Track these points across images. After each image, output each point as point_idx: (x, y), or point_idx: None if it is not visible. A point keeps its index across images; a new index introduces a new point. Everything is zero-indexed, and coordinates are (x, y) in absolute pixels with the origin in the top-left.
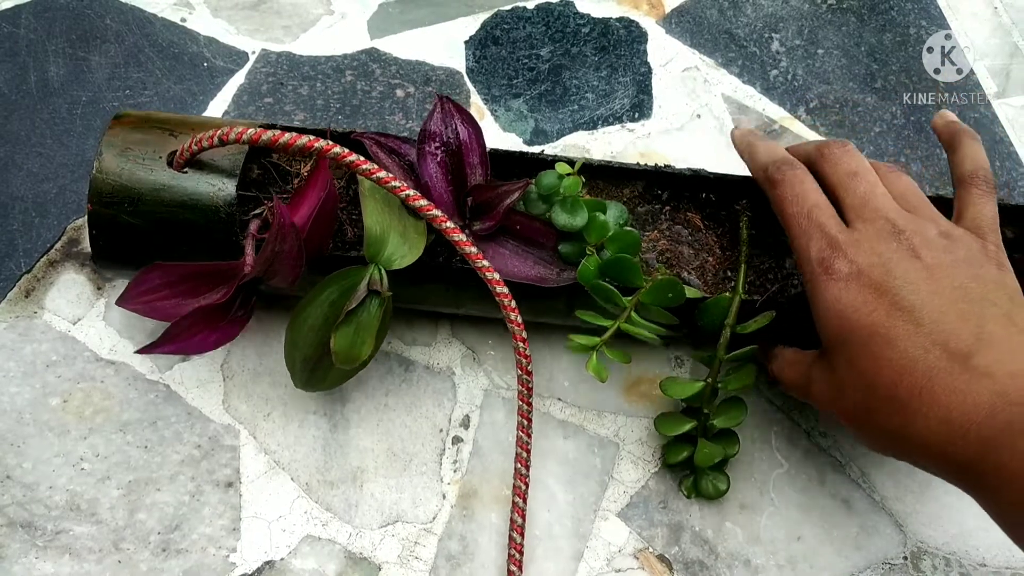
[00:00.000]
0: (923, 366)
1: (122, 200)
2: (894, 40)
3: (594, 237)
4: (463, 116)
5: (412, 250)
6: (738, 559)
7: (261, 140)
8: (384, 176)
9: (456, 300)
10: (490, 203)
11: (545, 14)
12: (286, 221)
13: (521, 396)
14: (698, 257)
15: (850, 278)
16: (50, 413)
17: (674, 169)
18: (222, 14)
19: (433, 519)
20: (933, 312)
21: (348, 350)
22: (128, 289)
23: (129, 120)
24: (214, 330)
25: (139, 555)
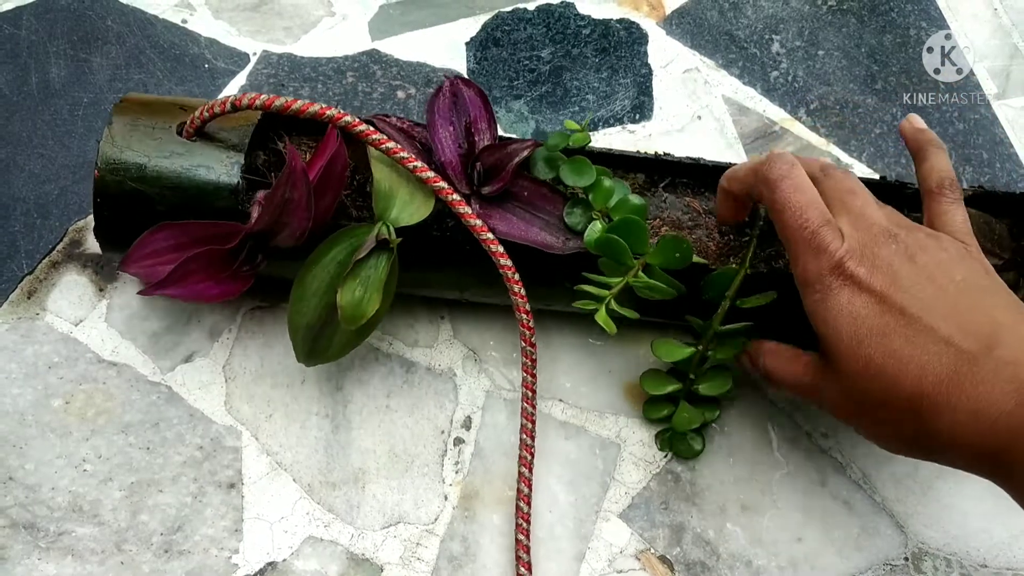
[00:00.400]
0: (946, 360)
1: (129, 167)
2: (894, 41)
3: (600, 201)
4: (470, 86)
5: (421, 208)
6: (740, 560)
7: (274, 106)
8: (393, 147)
9: (459, 283)
10: (499, 165)
11: (546, 15)
12: (298, 165)
13: (525, 398)
14: (699, 243)
15: (859, 285)
16: (52, 415)
17: (673, 157)
18: (223, 15)
19: (435, 520)
20: (944, 308)
21: (355, 306)
22: (131, 251)
23: (140, 99)
24: (218, 282)
25: (141, 556)
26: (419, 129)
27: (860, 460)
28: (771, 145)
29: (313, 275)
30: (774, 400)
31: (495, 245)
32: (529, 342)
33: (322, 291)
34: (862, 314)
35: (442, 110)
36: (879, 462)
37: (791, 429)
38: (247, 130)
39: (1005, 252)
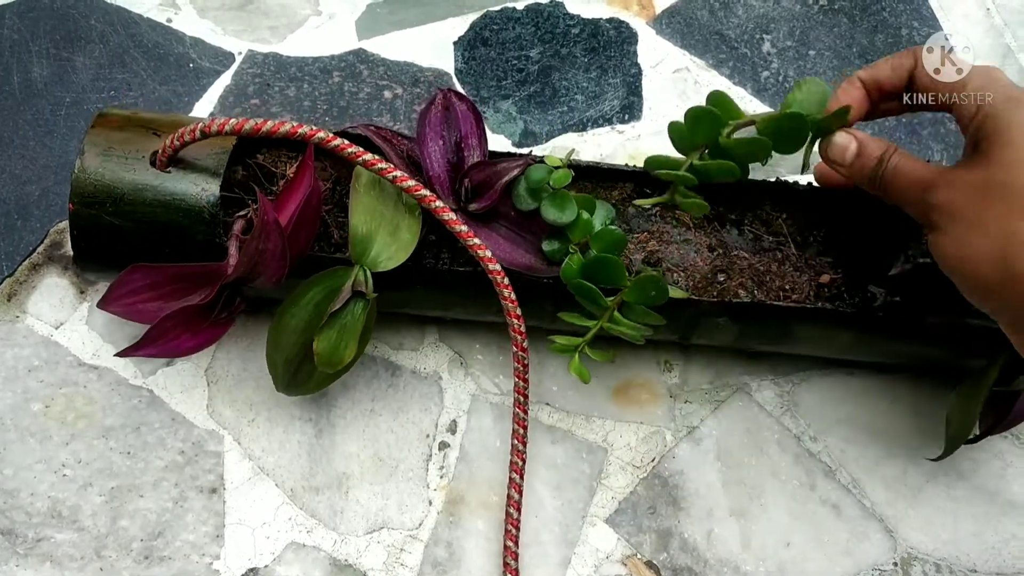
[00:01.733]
0: None
1: (104, 200)
2: (886, 41)
3: (578, 235)
4: (463, 101)
5: (400, 251)
6: (727, 566)
7: (244, 129)
8: (371, 158)
9: (443, 303)
10: (487, 182)
11: (535, 15)
12: (270, 217)
13: (518, 404)
14: (686, 257)
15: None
16: (32, 419)
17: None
18: (208, 14)
19: (419, 525)
20: None
21: (331, 353)
22: (109, 291)
23: (112, 119)
24: (196, 333)
25: (121, 563)
26: (405, 142)
27: (850, 464)
28: None
29: (291, 314)
30: (763, 404)
31: (483, 251)
32: (521, 347)
33: (300, 329)
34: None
35: (433, 123)
36: (869, 466)
37: (780, 433)
38: (222, 156)
39: None
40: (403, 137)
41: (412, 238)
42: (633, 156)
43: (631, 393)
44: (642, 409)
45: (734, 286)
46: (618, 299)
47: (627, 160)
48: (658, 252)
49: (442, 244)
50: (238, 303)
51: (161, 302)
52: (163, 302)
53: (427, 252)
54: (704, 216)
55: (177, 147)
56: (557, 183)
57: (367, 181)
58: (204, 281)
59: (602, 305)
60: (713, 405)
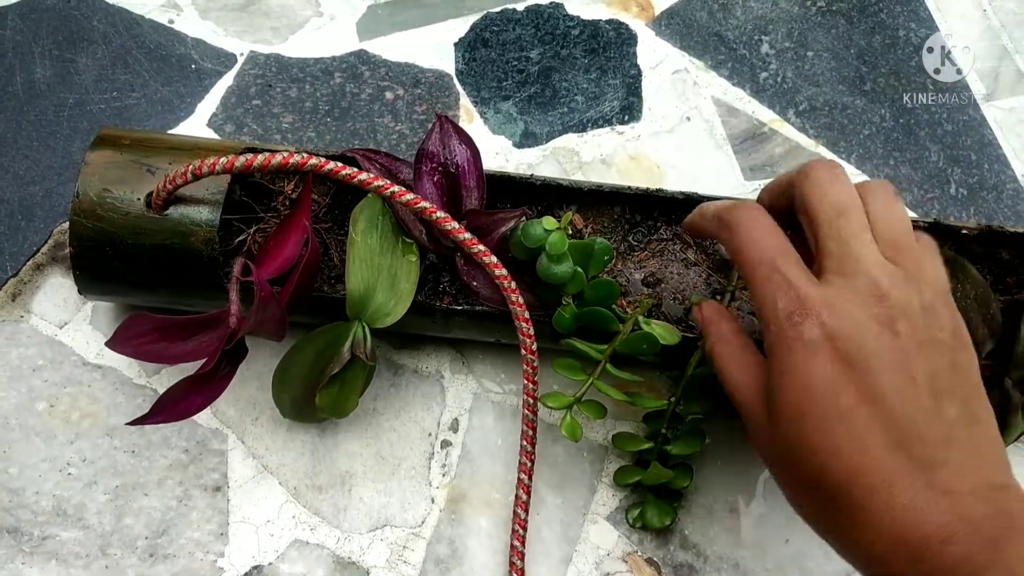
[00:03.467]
0: (886, 471)
1: (103, 244)
2: (883, 43)
3: (572, 288)
4: (462, 137)
5: (400, 304)
6: (727, 562)
7: (235, 168)
8: (366, 178)
9: (444, 327)
10: (484, 229)
11: (535, 16)
12: (267, 294)
13: (527, 405)
14: (685, 279)
15: (821, 344)
16: (36, 418)
17: (666, 193)
18: (210, 16)
19: (422, 523)
20: (905, 405)
21: (333, 406)
22: (116, 333)
23: (106, 152)
24: (201, 392)
25: (126, 560)
26: (406, 169)
27: None
28: (760, 147)
29: (294, 363)
30: None
31: (488, 256)
32: (530, 350)
33: (303, 374)
34: (815, 384)
35: (429, 161)
36: None
37: None
38: (219, 196)
39: (992, 339)
40: (400, 161)
41: (411, 287)
42: (633, 156)
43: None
44: (641, 408)
45: (733, 307)
46: (609, 349)
47: (627, 161)
48: (657, 273)
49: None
50: (240, 355)
51: (167, 343)
52: (168, 343)
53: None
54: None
55: (171, 190)
56: (554, 249)
57: (364, 227)
58: (208, 326)
59: (594, 359)
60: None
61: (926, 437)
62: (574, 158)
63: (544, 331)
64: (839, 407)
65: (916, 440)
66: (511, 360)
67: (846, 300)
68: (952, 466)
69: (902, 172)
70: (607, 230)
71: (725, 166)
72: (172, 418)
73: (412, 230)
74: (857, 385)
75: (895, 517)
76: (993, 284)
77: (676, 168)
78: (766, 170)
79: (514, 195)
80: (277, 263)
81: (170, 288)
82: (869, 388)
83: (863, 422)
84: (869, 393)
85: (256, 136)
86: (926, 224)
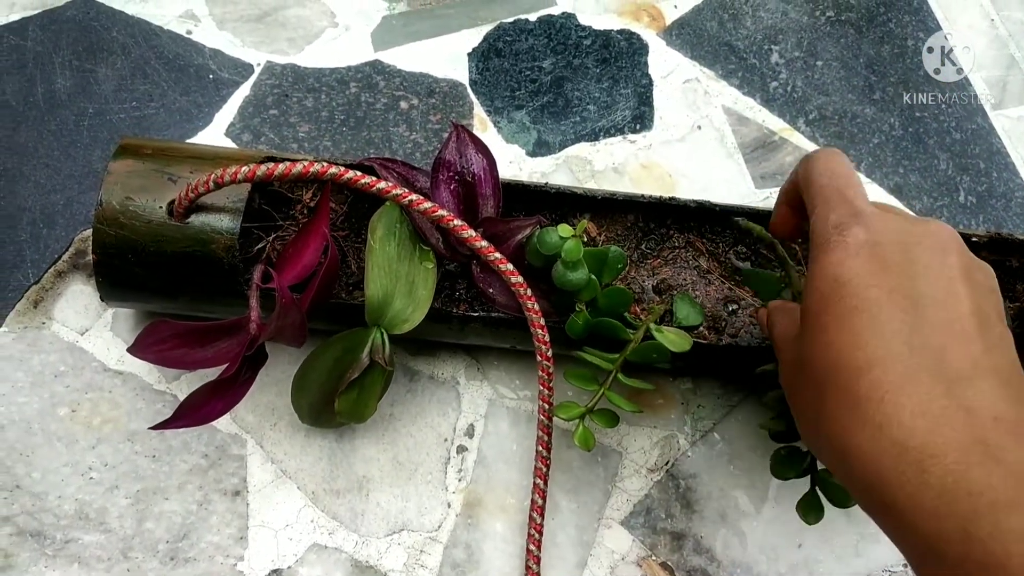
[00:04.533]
0: (900, 366)
1: (125, 251)
2: (892, 52)
3: (586, 295)
4: (478, 146)
5: (417, 311)
6: (740, 566)
7: (256, 176)
8: (385, 187)
9: (460, 334)
10: (500, 236)
11: (547, 26)
12: (288, 301)
13: (542, 411)
14: (697, 286)
15: (863, 247)
16: (58, 423)
17: (679, 201)
18: (227, 26)
19: (438, 528)
20: (943, 314)
21: (351, 411)
22: (138, 339)
23: (128, 161)
24: (222, 397)
25: (147, 564)
26: (423, 178)
27: None
28: (770, 155)
29: (313, 368)
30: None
31: (504, 264)
32: (545, 356)
33: (322, 380)
34: (846, 276)
35: (445, 170)
36: None
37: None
38: (239, 204)
39: None
40: (416, 170)
41: (428, 294)
42: (645, 165)
43: (645, 398)
44: (656, 414)
45: (744, 315)
46: (620, 359)
47: (639, 169)
48: (669, 280)
49: (455, 285)
50: (260, 360)
51: (187, 349)
52: (189, 349)
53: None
54: (717, 246)
55: (192, 199)
56: (569, 256)
57: (382, 235)
58: (228, 333)
59: (604, 369)
60: (725, 409)
61: (958, 352)
62: (587, 167)
63: (559, 338)
64: (866, 298)
65: (945, 350)
66: (526, 366)
67: (900, 219)
68: (979, 388)
69: (911, 180)
70: (620, 238)
71: (736, 175)
72: (194, 423)
73: (429, 238)
74: (892, 284)
75: (901, 419)
76: (1003, 291)
77: (687, 176)
78: (776, 179)
79: (529, 203)
80: (296, 270)
81: (191, 295)
82: (904, 290)
83: (888, 315)
84: (903, 294)
85: (273, 145)
86: None
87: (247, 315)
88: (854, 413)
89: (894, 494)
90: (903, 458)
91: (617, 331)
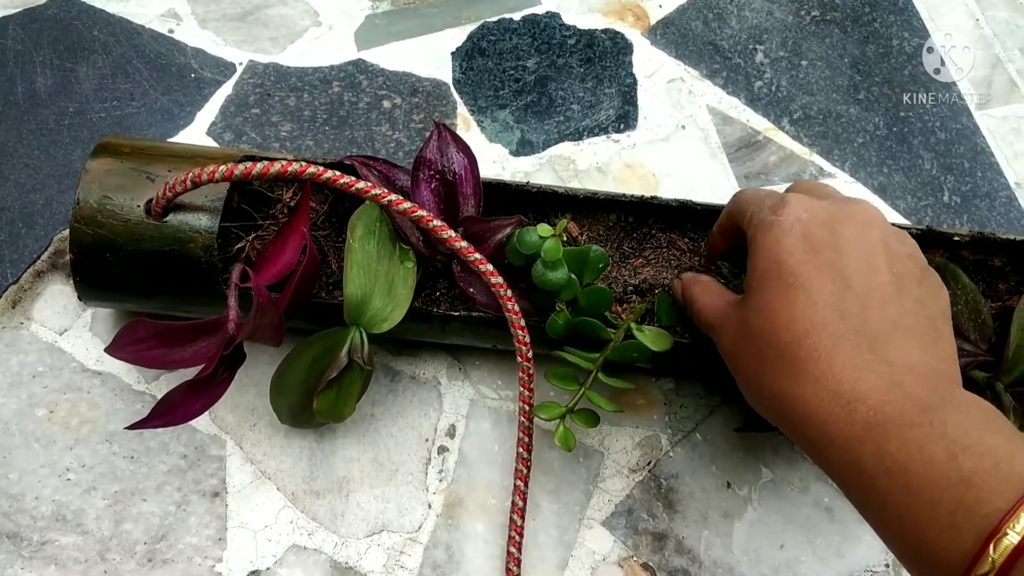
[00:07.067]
0: (832, 331)
1: (102, 250)
2: (877, 52)
3: (566, 295)
4: (459, 145)
5: (396, 310)
6: (721, 567)
7: (234, 176)
8: (364, 186)
9: (441, 333)
10: (480, 236)
11: (531, 26)
12: (265, 300)
13: (523, 412)
14: None
15: (795, 223)
16: (36, 424)
17: (661, 200)
18: (210, 25)
19: (419, 528)
20: (863, 283)
21: (331, 411)
22: (116, 339)
23: (106, 160)
24: (199, 397)
25: (125, 565)
26: (404, 176)
27: None
28: (754, 155)
29: (292, 369)
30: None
31: (484, 265)
32: (526, 357)
33: (301, 379)
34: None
35: (426, 169)
36: None
37: (772, 438)
38: (217, 203)
39: (983, 343)
40: (398, 168)
41: (408, 292)
42: (629, 164)
43: (627, 398)
44: (638, 414)
45: None
46: (601, 358)
47: (623, 168)
48: (650, 279)
49: (436, 284)
50: (238, 359)
51: (165, 349)
52: (167, 349)
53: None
54: (699, 244)
55: (170, 198)
56: (549, 255)
57: (362, 234)
58: (207, 332)
59: (585, 369)
60: (708, 410)
61: (879, 316)
62: (570, 166)
63: (540, 337)
64: (801, 274)
65: (868, 315)
66: (507, 366)
67: (827, 203)
68: (899, 346)
69: (896, 180)
70: (602, 237)
71: (720, 174)
72: (171, 422)
73: (409, 237)
74: (822, 261)
75: (835, 373)
76: (985, 291)
77: (671, 176)
78: (760, 178)
79: (510, 203)
80: (275, 269)
81: (169, 294)
82: (833, 265)
83: (819, 287)
84: (832, 269)
85: (255, 144)
86: (919, 231)
87: (225, 314)
88: (796, 372)
89: (830, 431)
90: (836, 402)
91: (598, 331)
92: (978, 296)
